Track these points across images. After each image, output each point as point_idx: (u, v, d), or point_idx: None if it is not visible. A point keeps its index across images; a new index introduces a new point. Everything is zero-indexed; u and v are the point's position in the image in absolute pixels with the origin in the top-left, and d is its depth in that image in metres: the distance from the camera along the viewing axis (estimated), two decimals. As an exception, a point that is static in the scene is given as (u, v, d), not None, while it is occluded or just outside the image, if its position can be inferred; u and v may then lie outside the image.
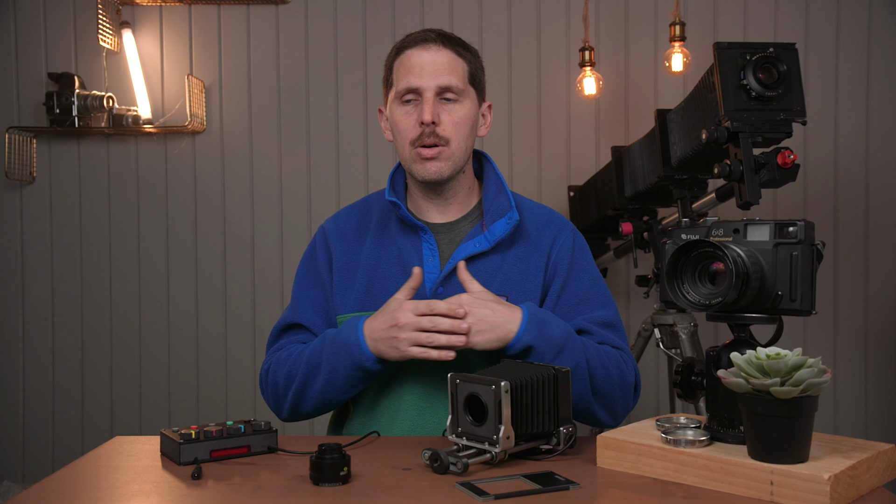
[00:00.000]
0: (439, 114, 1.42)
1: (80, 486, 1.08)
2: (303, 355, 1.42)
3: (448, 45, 1.45)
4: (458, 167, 1.45)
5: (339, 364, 1.36)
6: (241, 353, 2.88)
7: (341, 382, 1.38)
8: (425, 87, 1.42)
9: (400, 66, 1.46)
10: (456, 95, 1.44)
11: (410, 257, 1.46)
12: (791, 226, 1.08)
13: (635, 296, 2.80)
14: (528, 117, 2.84)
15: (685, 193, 2.01)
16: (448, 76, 1.43)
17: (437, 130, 1.41)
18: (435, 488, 1.04)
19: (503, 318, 1.31)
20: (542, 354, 1.32)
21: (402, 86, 1.44)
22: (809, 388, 0.95)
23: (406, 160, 1.46)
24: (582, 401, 1.36)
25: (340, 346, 1.36)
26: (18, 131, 2.80)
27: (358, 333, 1.35)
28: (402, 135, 1.45)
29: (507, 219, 1.45)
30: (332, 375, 1.38)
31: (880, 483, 1.03)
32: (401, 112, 1.45)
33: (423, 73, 1.42)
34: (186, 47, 2.88)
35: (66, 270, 2.90)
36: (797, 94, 1.56)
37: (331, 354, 1.38)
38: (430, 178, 1.43)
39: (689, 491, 1.02)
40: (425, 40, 1.44)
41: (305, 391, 1.42)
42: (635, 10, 2.81)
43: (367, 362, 1.34)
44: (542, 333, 1.32)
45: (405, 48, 1.46)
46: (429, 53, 1.43)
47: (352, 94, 2.86)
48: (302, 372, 1.41)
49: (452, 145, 1.43)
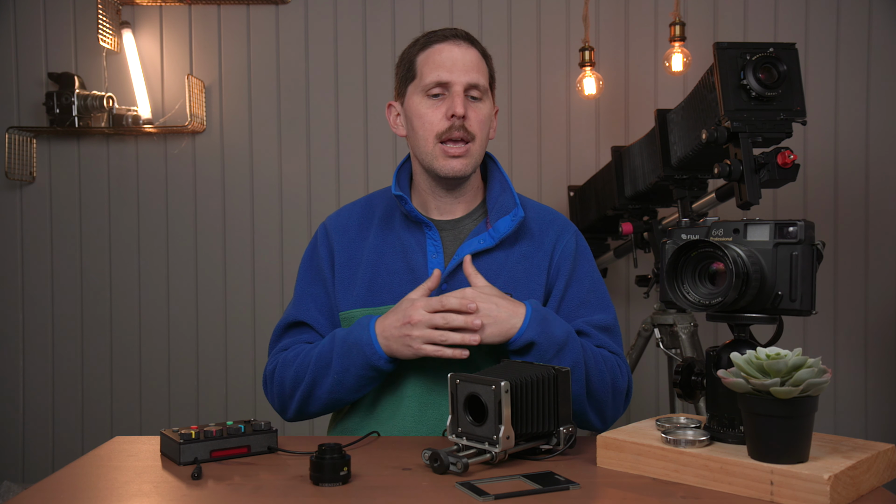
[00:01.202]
0: (467, 109, 1.43)
1: (80, 486, 1.08)
2: (311, 355, 1.42)
3: (475, 45, 1.47)
4: (476, 165, 1.47)
5: (351, 363, 1.36)
6: (241, 353, 2.88)
7: (352, 382, 1.38)
8: (456, 82, 1.42)
9: (428, 60, 1.45)
10: (481, 94, 1.45)
11: (414, 253, 1.46)
12: (791, 226, 1.08)
13: (635, 296, 2.80)
14: (528, 117, 2.84)
15: (685, 193, 2.01)
16: (477, 74, 1.44)
17: (466, 125, 1.42)
18: (435, 488, 1.04)
19: (507, 312, 1.31)
20: (543, 351, 1.32)
21: (432, 79, 1.43)
22: (809, 388, 0.95)
23: (427, 154, 1.45)
24: (576, 402, 1.36)
25: (352, 346, 1.36)
26: (18, 131, 2.80)
27: (370, 332, 1.35)
28: (426, 128, 1.44)
29: (511, 216, 1.46)
30: (343, 375, 1.37)
31: (880, 483, 1.03)
32: (426, 105, 1.44)
33: (454, 68, 1.42)
34: (186, 47, 2.88)
35: (66, 270, 2.90)
36: (797, 94, 1.55)
37: (342, 354, 1.37)
38: (454, 174, 1.43)
39: (689, 491, 1.02)
40: (456, 37, 1.45)
41: (314, 391, 1.42)
42: (635, 10, 2.81)
43: (379, 361, 1.34)
44: (545, 331, 1.32)
45: (433, 42, 1.46)
46: (459, 50, 1.44)
47: (352, 94, 2.86)
48: (311, 372, 1.41)
49: (477, 142, 1.44)
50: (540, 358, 1.32)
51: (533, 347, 1.32)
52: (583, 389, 1.36)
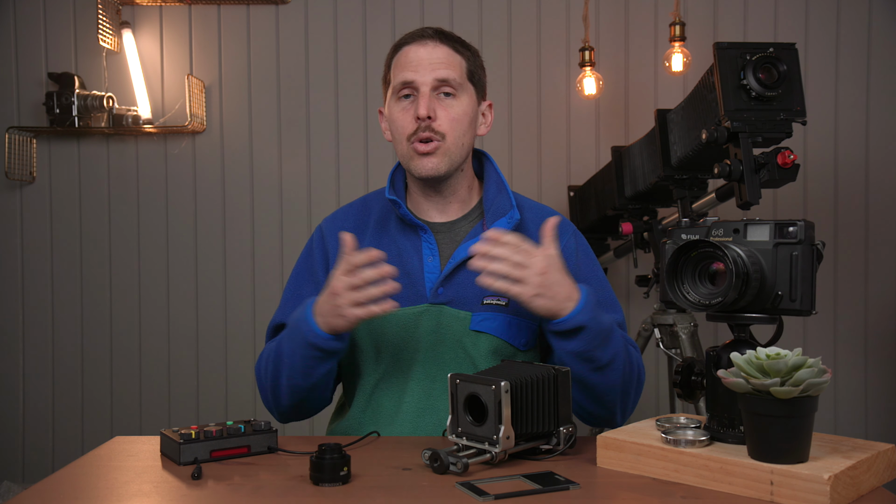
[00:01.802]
0: (435, 109, 1.41)
1: (80, 486, 1.08)
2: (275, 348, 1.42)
3: (445, 41, 1.45)
4: (455, 163, 1.44)
5: (296, 346, 1.36)
6: (241, 353, 2.88)
7: (300, 365, 1.36)
8: (421, 82, 1.42)
9: (397, 63, 1.46)
10: (453, 90, 1.43)
11: (410, 257, 1.46)
12: (791, 226, 1.08)
13: (635, 296, 2.80)
14: (528, 117, 2.84)
15: (685, 193, 2.01)
16: (444, 70, 1.42)
17: (433, 125, 1.41)
18: (435, 488, 1.04)
19: (566, 293, 1.28)
20: (590, 337, 1.30)
21: (398, 80, 1.44)
22: (809, 388, 0.95)
23: (403, 156, 1.45)
24: (610, 393, 1.35)
25: (293, 328, 1.37)
26: (18, 131, 2.80)
27: (307, 311, 1.34)
28: (399, 130, 1.44)
29: (507, 218, 1.45)
30: (292, 359, 1.37)
31: (880, 483, 1.03)
32: (397, 108, 1.45)
33: (418, 68, 1.42)
34: (186, 47, 2.88)
35: (65, 270, 2.90)
36: (797, 94, 1.55)
37: (288, 338, 1.38)
38: (426, 174, 1.42)
39: (689, 491, 1.02)
40: (423, 36, 1.45)
41: (278, 382, 1.41)
42: (635, 10, 2.81)
43: (316, 339, 1.32)
44: (596, 318, 1.31)
45: (402, 45, 1.46)
46: (425, 49, 1.43)
47: (352, 94, 2.86)
48: (272, 362, 1.41)
49: (448, 140, 1.42)
50: (587, 344, 1.29)
51: (581, 331, 1.29)
52: (619, 381, 1.35)
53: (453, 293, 1.43)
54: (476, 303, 1.43)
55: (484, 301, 1.42)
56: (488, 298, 1.42)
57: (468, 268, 1.33)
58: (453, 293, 1.43)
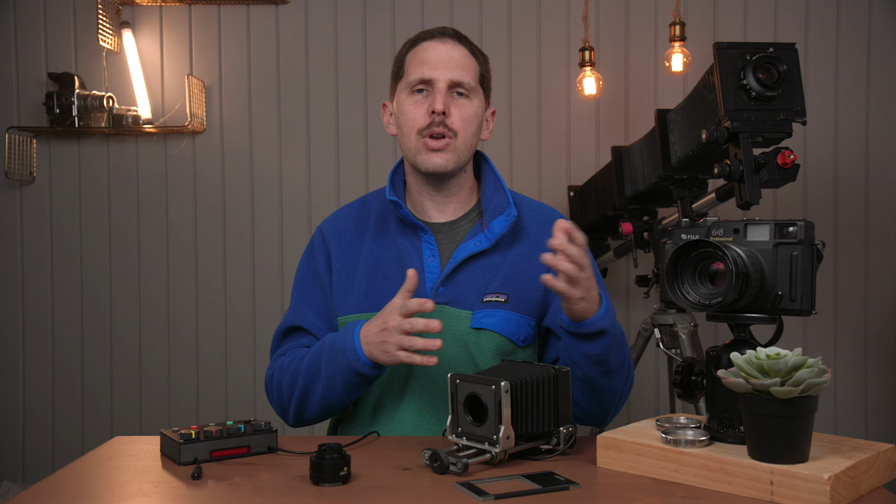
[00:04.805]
0: (450, 106, 1.43)
1: (80, 486, 1.08)
2: (304, 361, 1.42)
3: (463, 42, 1.47)
4: (461, 162, 1.46)
5: (337, 370, 1.35)
6: (241, 353, 2.88)
7: (339, 388, 1.37)
8: (439, 79, 1.43)
9: (414, 58, 1.46)
10: (467, 91, 1.45)
11: (410, 257, 1.46)
12: (791, 226, 1.08)
13: (635, 296, 2.80)
14: (528, 117, 2.84)
15: (685, 193, 2.01)
16: (462, 71, 1.44)
17: (447, 122, 1.42)
18: (435, 488, 1.04)
19: (594, 298, 1.27)
20: (609, 341, 1.30)
21: (416, 76, 1.44)
22: (809, 388, 0.95)
23: (411, 150, 1.45)
24: (614, 394, 1.37)
25: (338, 352, 1.36)
26: (18, 131, 2.80)
27: (354, 338, 1.34)
28: (409, 123, 1.45)
29: (505, 215, 1.45)
30: (331, 381, 1.37)
31: (880, 483, 1.03)
32: (410, 101, 1.45)
33: (438, 65, 1.43)
34: (186, 47, 2.88)
35: (65, 270, 2.90)
36: (797, 94, 1.56)
37: (329, 360, 1.37)
38: (434, 169, 1.43)
39: (689, 491, 1.02)
40: (443, 34, 1.46)
41: (308, 397, 1.41)
42: (635, 10, 2.81)
43: (362, 368, 1.33)
44: (614, 322, 1.32)
45: (421, 41, 1.47)
46: (445, 47, 1.45)
47: (352, 94, 2.86)
48: (303, 378, 1.41)
49: (459, 139, 1.43)
50: (605, 347, 1.29)
51: (602, 335, 1.29)
52: (622, 385, 1.37)
53: (453, 292, 1.43)
54: (476, 301, 1.43)
55: (484, 299, 1.43)
56: (488, 296, 1.43)
57: (540, 261, 1.25)
58: (453, 292, 1.43)
